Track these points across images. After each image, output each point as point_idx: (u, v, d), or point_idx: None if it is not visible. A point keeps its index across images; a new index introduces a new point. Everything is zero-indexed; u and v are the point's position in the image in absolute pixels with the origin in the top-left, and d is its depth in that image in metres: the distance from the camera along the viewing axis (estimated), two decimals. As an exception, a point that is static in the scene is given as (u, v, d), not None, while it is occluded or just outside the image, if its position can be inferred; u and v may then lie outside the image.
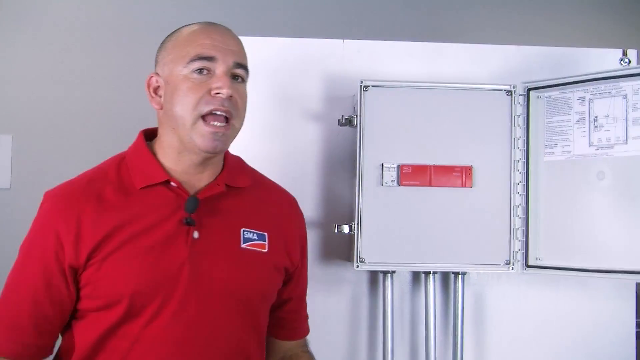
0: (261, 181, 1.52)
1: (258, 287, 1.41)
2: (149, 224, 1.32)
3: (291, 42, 1.91)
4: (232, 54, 1.35)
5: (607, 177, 1.66)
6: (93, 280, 1.30)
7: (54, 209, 1.33)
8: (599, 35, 3.14)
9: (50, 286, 1.31)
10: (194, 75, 1.32)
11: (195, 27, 1.38)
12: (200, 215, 1.35)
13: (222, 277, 1.35)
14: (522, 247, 1.75)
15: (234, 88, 1.34)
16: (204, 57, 1.32)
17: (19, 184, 2.78)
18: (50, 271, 1.31)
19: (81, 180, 1.37)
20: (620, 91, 1.64)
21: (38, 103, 2.84)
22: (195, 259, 1.32)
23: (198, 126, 1.32)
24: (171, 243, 1.32)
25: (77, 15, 2.90)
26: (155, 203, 1.34)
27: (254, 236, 1.41)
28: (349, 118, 1.77)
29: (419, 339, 1.86)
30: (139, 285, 1.29)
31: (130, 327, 1.30)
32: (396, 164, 1.74)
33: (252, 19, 2.98)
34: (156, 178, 1.36)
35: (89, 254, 1.30)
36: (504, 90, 1.77)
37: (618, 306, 1.87)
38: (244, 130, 1.84)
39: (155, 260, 1.30)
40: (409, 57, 1.92)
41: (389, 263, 1.75)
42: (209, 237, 1.35)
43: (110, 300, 1.30)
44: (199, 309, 1.32)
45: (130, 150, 1.42)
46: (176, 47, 1.36)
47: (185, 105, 1.32)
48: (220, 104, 1.31)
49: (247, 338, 1.39)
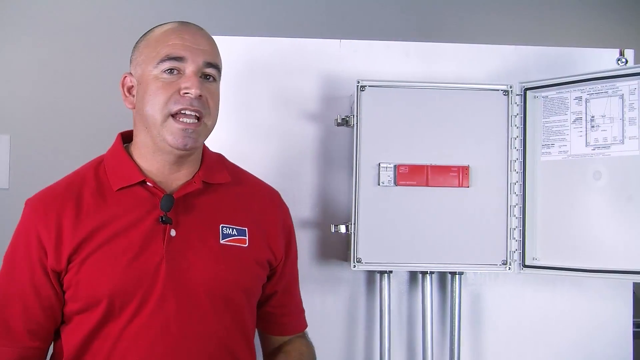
0: (242, 177, 1.53)
1: (239, 282, 1.41)
2: (125, 225, 1.33)
3: (288, 42, 1.91)
4: (203, 53, 1.36)
5: (603, 177, 1.66)
6: (74, 283, 1.32)
7: (34, 215, 1.35)
8: (596, 35, 3.14)
9: (39, 292, 1.33)
10: (164, 75, 1.34)
11: (166, 27, 1.39)
12: (177, 213, 1.36)
13: (200, 273, 1.35)
14: (519, 247, 1.75)
15: (204, 87, 1.35)
16: (174, 57, 1.34)
17: (17, 184, 2.79)
18: (37, 277, 1.32)
19: (59, 185, 1.40)
20: (617, 91, 1.64)
21: (36, 103, 2.84)
22: (172, 257, 1.33)
23: (168, 123, 1.33)
24: (148, 242, 1.33)
25: (75, 15, 2.90)
26: (132, 204, 1.35)
27: (234, 232, 1.41)
28: (345, 118, 1.77)
29: (416, 339, 1.86)
30: (117, 285, 1.30)
31: (111, 328, 1.31)
32: (393, 163, 1.74)
33: (249, 19, 2.98)
34: (132, 179, 1.37)
35: (69, 257, 1.31)
36: (500, 90, 1.77)
37: (615, 306, 1.87)
38: (240, 130, 1.86)
39: (133, 260, 1.32)
40: (406, 57, 1.92)
41: (386, 263, 1.74)
42: (187, 234, 1.36)
43: (89, 301, 1.31)
44: (178, 306, 1.32)
45: (108, 153, 1.44)
46: (148, 47, 1.38)
47: (155, 105, 1.33)
48: (189, 103, 1.32)
49: (230, 334, 1.39)
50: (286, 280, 1.55)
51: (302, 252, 1.81)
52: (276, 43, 1.90)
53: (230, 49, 1.72)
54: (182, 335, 1.32)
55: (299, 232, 1.80)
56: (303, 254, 1.82)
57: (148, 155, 1.39)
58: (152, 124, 1.34)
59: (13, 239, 1.37)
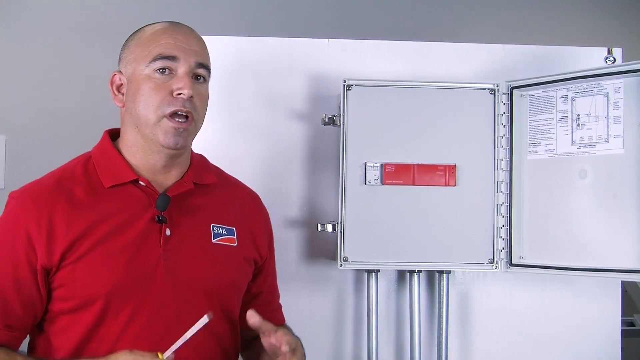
0: (225, 178, 1.54)
1: (230, 279, 1.43)
2: (121, 223, 1.33)
3: (276, 41, 1.91)
4: (195, 54, 1.36)
5: (589, 176, 1.66)
6: (68, 281, 1.30)
7: (23, 210, 1.32)
8: (585, 34, 3.13)
9: (20, 287, 1.30)
10: (155, 74, 1.34)
11: (158, 27, 1.39)
12: (171, 213, 1.36)
13: (196, 272, 1.36)
14: (506, 245, 1.75)
15: (195, 89, 1.35)
16: (166, 56, 1.34)
17: (13, 184, 2.76)
18: (20, 272, 1.30)
19: (48, 180, 1.37)
20: (602, 90, 1.64)
21: (32, 103, 2.85)
22: (169, 257, 1.34)
23: (162, 123, 1.33)
24: (144, 241, 1.33)
25: (71, 15, 2.91)
26: (126, 202, 1.35)
27: (223, 231, 1.43)
28: (332, 117, 1.77)
29: (404, 338, 1.86)
30: (115, 284, 1.30)
31: (108, 330, 1.30)
32: (379, 163, 1.75)
33: (237, 18, 2.98)
34: (124, 177, 1.37)
35: (63, 254, 1.29)
36: (487, 89, 1.77)
37: (604, 304, 1.87)
38: (228, 129, 1.86)
39: (130, 260, 1.31)
40: (394, 56, 1.92)
41: (373, 262, 1.75)
42: (181, 234, 1.37)
43: (84, 300, 1.30)
44: (178, 306, 1.33)
45: (96, 150, 1.43)
46: (139, 46, 1.38)
47: (149, 106, 1.33)
48: (182, 104, 1.33)
49: (222, 329, 1.41)
50: (270, 280, 1.57)
51: (289, 251, 1.83)
52: (264, 42, 1.91)
53: (219, 49, 1.72)
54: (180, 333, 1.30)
55: (286, 232, 1.82)
56: (291, 253, 1.83)
57: (138, 154, 1.38)
58: (144, 123, 1.34)
59: None
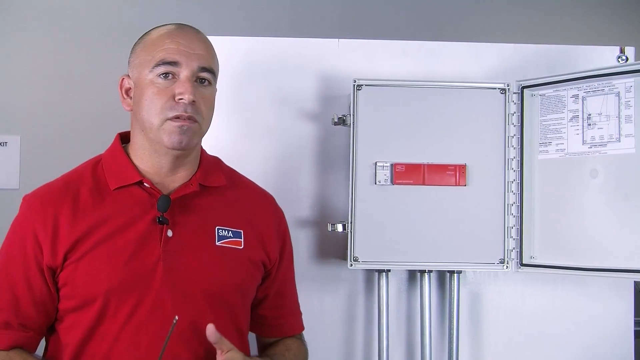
0: (238, 181, 1.54)
1: (234, 282, 1.43)
2: (122, 224, 1.35)
3: (286, 41, 1.92)
4: (197, 58, 1.37)
5: (600, 175, 1.65)
6: (70, 280, 1.34)
7: (31, 211, 1.37)
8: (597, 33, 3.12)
9: (31, 286, 1.34)
10: (158, 79, 1.36)
11: (163, 31, 1.40)
12: (174, 214, 1.38)
13: (196, 274, 1.37)
14: (517, 245, 1.74)
15: (198, 92, 1.36)
16: (168, 62, 1.36)
17: (28, 184, 2.81)
18: (31, 272, 1.34)
19: (58, 182, 1.42)
20: (613, 89, 1.63)
21: (46, 104, 2.88)
22: (169, 257, 1.35)
23: (165, 125, 1.35)
24: (145, 242, 1.35)
25: (86, 18, 2.93)
26: (129, 203, 1.37)
27: (229, 234, 1.43)
28: (342, 117, 1.78)
29: (415, 338, 1.86)
30: (113, 284, 1.32)
31: (108, 328, 1.33)
32: (389, 162, 1.75)
33: (248, 19, 2.99)
34: (129, 179, 1.39)
35: (66, 254, 1.33)
36: (497, 88, 1.77)
37: (616, 305, 1.86)
38: (239, 130, 1.87)
39: (129, 259, 1.34)
40: (404, 56, 1.91)
41: (383, 262, 1.75)
42: (183, 235, 1.38)
43: (85, 299, 1.33)
44: (175, 307, 1.34)
45: (106, 153, 1.46)
46: (144, 51, 1.40)
47: (152, 110, 1.36)
48: (183, 109, 1.35)
49: (225, 333, 1.39)
50: (279, 284, 1.55)
51: (300, 251, 1.83)
52: (275, 43, 1.91)
53: (229, 49, 1.74)
54: (179, 334, 1.33)
55: (297, 231, 1.82)
56: (301, 253, 1.83)
57: (145, 157, 1.41)
58: (148, 127, 1.37)
59: (9, 234, 1.39)
